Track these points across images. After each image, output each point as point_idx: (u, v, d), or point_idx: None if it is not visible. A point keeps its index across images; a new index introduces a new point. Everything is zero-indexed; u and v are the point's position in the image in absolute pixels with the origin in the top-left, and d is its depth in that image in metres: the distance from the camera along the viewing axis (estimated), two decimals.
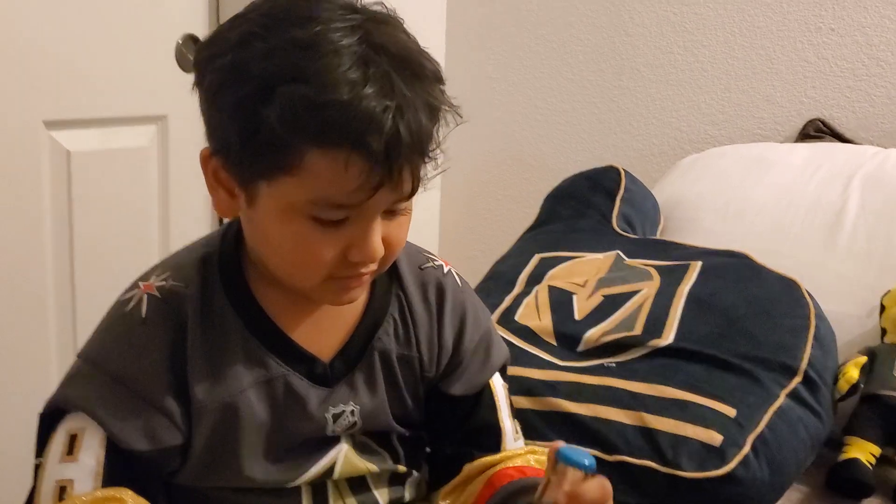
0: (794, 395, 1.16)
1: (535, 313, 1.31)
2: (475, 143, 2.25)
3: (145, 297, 0.79)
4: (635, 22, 2.02)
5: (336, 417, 0.83)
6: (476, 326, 0.90)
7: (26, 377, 1.55)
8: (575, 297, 1.32)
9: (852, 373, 1.23)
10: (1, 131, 1.46)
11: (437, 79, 0.73)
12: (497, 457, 0.88)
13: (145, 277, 0.81)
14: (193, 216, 1.83)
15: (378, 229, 0.74)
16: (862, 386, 1.25)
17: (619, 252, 1.41)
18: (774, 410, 1.13)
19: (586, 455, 0.72)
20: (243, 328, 0.80)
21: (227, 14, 1.78)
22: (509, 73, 2.19)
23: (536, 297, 1.35)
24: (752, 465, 1.07)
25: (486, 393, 0.90)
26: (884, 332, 1.31)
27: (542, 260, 1.44)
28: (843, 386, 1.23)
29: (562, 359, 1.22)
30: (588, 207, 1.57)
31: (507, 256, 1.52)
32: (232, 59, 0.71)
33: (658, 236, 1.62)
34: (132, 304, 0.79)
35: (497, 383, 0.92)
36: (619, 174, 1.63)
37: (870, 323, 1.35)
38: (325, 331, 0.84)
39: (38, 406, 1.63)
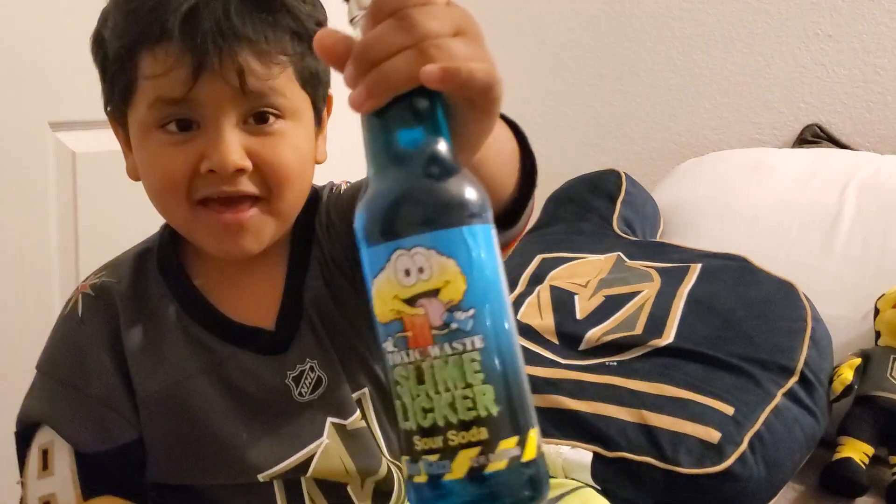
0: (790, 395, 1.18)
1: (538, 312, 1.33)
2: None
3: (80, 296, 0.81)
4: (636, 28, 2.04)
5: (297, 380, 0.79)
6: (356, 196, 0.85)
7: (31, 378, 1.55)
8: (577, 297, 1.34)
9: (847, 374, 1.25)
10: (6, 132, 1.46)
11: None
12: None
13: (84, 279, 0.83)
14: None
15: (229, 136, 0.72)
16: (856, 387, 1.27)
17: (619, 254, 1.43)
18: (771, 409, 1.15)
19: None
20: (182, 313, 0.79)
21: None
22: (510, 78, 2.19)
23: (538, 297, 1.36)
24: (749, 462, 1.09)
25: None
26: (878, 335, 1.33)
27: (544, 260, 1.46)
28: (838, 387, 1.24)
29: (564, 357, 1.24)
30: (589, 210, 1.59)
31: (508, 257, 1.54)
32: (98, 25, 0.79)
33: (658, 239, 1.63)
34: (70, 305, 0.81)
35: None
36: (619, 177, 1.65)
37: (865, 326, 1.37)
38: (261, 298, 0.81)
39: None
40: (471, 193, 0.46)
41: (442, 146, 0.47)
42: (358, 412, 0.82)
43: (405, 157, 0.46)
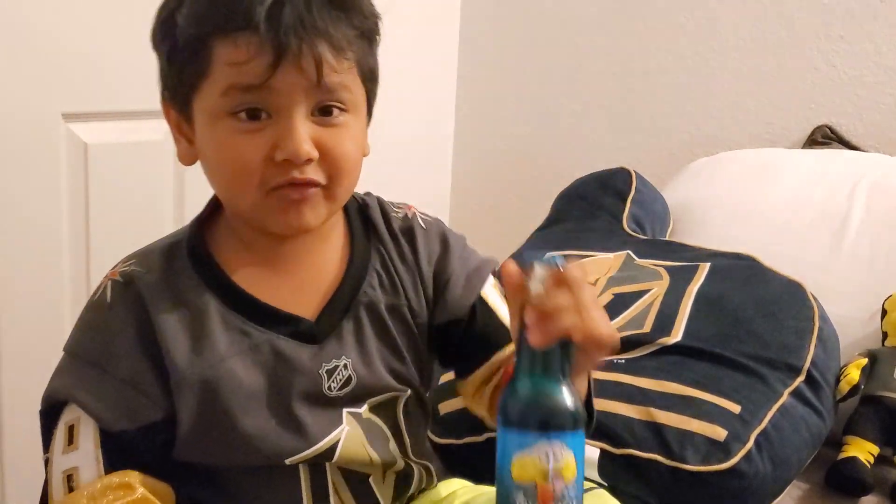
0: (797, 394, 1.18)
1: None
2: (487, 143, 2.28)
3: (109, 283, 0.83)
4: (647, 26, 2.04)
5: (330, 374, 0.84)
6: (450, 250, 0.92)
7: (43, 369, 1.56)
8: None
9: (853, 374, 1.25)
10: (20, 123, 1.48)
11: None
12: (511, 349, 0.88)
13: (114, 266, 0.85)
14: None
15: (301, 127, 0.76)
16: (862, 387, 1.27)
17: (629, 252, 1.43)
18: (777, 408, 1.15)
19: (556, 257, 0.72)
20: (218, 303, 0.82)
21: None
22: (521, 75, 2.22)
23: None
24: (755, 459, 1.09)
25: (479, 305, 0.92)
26: (885, 335, 1.33)
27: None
28: (844, 387, 1.25)
29: None
30: (599, 208, 1.60)
31: (517, 254, 1.55)
32: (161, 17, 0.81)
33: (667, 238, 1.64)
34: (99, 292, 0.83)
35: (487, 288, 0.93)
36: (629, 176, 1.65)
37: (872, 326, 1.37)
38: (306, 291, 0.85)
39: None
40: (582, 410, 0.70)
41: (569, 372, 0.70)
42: (366, 405, 0.86)
43: (553, 376, 0.69)
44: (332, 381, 0.84)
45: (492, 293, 0.93)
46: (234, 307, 0.82)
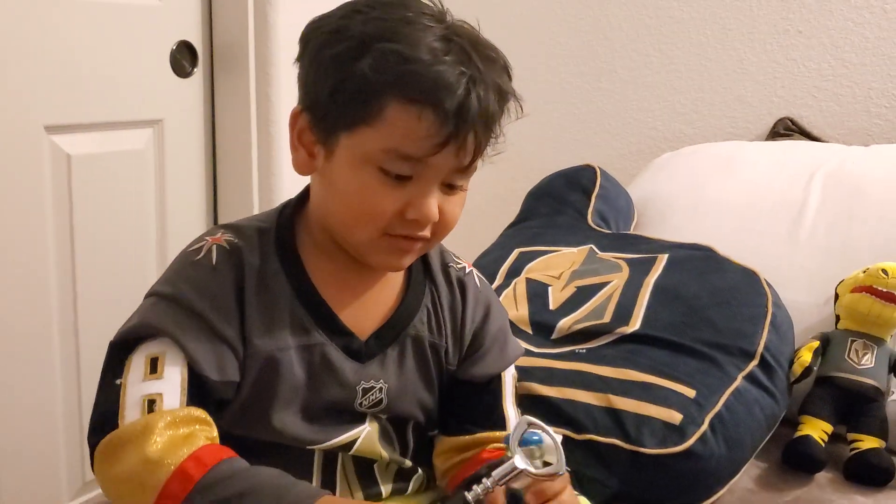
0: (750, 378, 1.23)
1: (514, 304, 1.39)
2: None
3: (214, 247, 0.87)
4: (613, 26, 2.10)
5: (366, 392, 0.90)
6: (494, 322, 0.99)
7: (30, 378, 1.59)
8: (550, 289, 1.40)
9: (805, 356, 1.30)
10: (3, 136, 1.51)
11: (507, 68, 0.85)
12: (497, 434, 0.96)
13: (211, 233, 0.90)
14: (190, 215, 1.89)
15: (435, 194, 0.83)
16: (815, 369, 1.32)
17: (592, 246, 1.49)
18: (731, 391, 1.20)
19: (536, 435, 0.81)
20: (293, 296, 0.88)
21: (221, 21, 1.87)
22: None
23: (514, 289, 1.42)
24: (710, 441, 1.14)
25: (495, 381, 0.99)
26: (837, 318, 1.38)
27: (521, 254, 1.51)
28: (797, 369, 1.30)
29: (537, 346, 1.29)
30: (565, 204, 1.65)
31: (489, 251, 1.60)
32: (336, 25, 0.82)
33: (632, 231, 1.69)
34: (202, 253, 0.87)
35: (507, 374, 1.01)
36: (594, 173, 1.71)
37: (827, 310, 1.42)
38: (366, 311, 0.92)
39: (42, 407, 1.65)
40: None
41: None
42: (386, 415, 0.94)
43: None
44: (365, 399, 0.91)
45: (509, 381, 1.01)
46: (304, 304, 0.88)
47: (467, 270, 1.00)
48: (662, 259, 1.41)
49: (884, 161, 1.62)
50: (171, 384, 0.80)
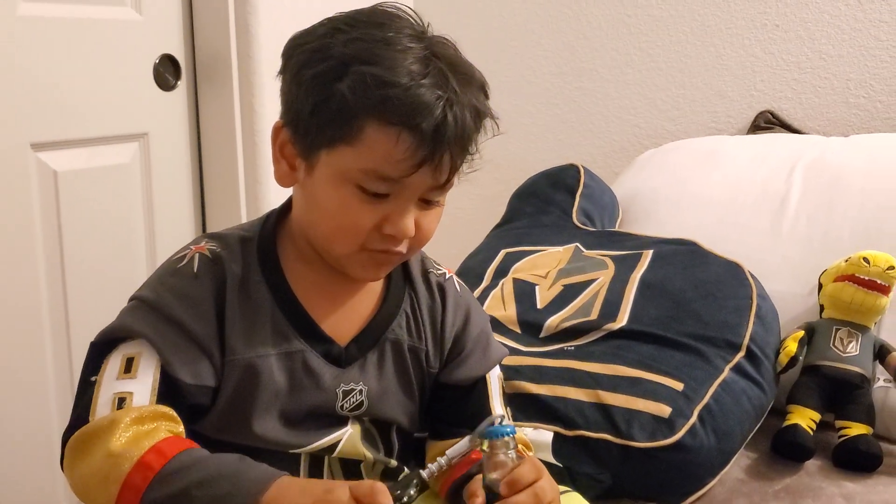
0: (737, 369, 1.25)
1: (501, 304, 1.40)
2: None
3: (197, 255, 0.90)
4: (593, 26, 2.11)
5: (346, 394, 0.92)
6: (475, 325, 1.01)
7: (22, 392, 1.59)
8: (537, 288, 1.41)
9: (791, 346, 1.32)
10: None
11: (483, 88, 0.87)
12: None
13: (196, 242, 0.92)
14: (178, 228, 1.89)
15: (412, 211, 0.85)
16: (801, 358, 1.34)
17: (577, 244, 1.50)
18: (719, 383, 1.22)
19: (507, 427, 0.82)
20: (274, 304, 0.90)
21: (203, 33, 1.88)
22: None
23: (502, 289, 1.43)
24: (699, 433, 1.16)
25: (480, 383, 1.00)
26: (822, 308, 1.40)
27: (508, 254, 1.53)
28: (783, 359, 1.31)
29: (525, 345, 1.31)
30: (549, 204, 1.66)
31: (475, 252, 1.61)
32: (317, 44, 0.84)
33: (617, 228, 1.70)
34: (185, 261, 0.90)
35: (493, 375, 1.02)
36: (578, 171, 1.72)
37: (811, 300, 1.44)
38: (346, 317, 0.94)
39: (35, 421, 1.65)
40: None
41: None
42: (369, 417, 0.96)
43: None
44: (346, 402, 0.93)
45: (495, 382, 1.02)
46: (285, 313, 0.90)
47: (447, 276, 1.02)
48: (647, 255, 1.42)
49: (863, 151, 1.64)
50: (143, 384, 0.83)
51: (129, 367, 0.84)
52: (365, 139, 0.81)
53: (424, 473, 0.81)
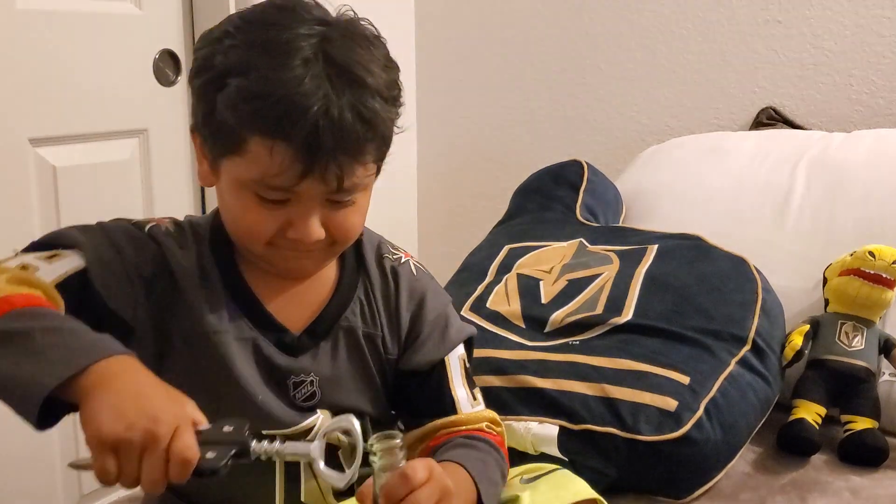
0: (743, 363, 1.25)
1: (505, 299, 1.39)
2: (449, 144, 2.34)
3: (153, 224, 0.91)
4: (595, 22, 2.11)
5: (297, 386, 0.92)
6: (431, 309, 0.99)
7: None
8: (542, 283, 1.40)
9: (797, 340, 1.32)
10: None
11: (378, 91, 0.82)
12: (450, 419, 0.96)
13: (160, 218, 0.93)
14: None
15: (315, 215, 0.84)
16: (806, 352, 1.33)
17: (581, 240, 1.49)
18: (725, 377, 1.21)
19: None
20: (225, 290, 0.90)
21: (203, 28, 1.85)
22: (478, 77, 2.28)
23: (506, 285, 1.43)
24: (706, 427, 1.15)
25: (439, 367, 0.98)
26: (827, 302, 1.39)
27: (511, 250, 1.52)
28: (789, 353, 1.31)
29: (530, 340, 1.30)
30: (553, 200, 1.66)
31: (478, 249, 1.60)
32: (206, 51, 0.84)
33: (620, 224, 1.70)
34: (139, 221, 0.91)
35: (452, 357, 0.99)
36: (581, 167, 1.71)
37: (816, 295, 1.43)
38: (298, 306, 0.93)
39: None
40: None
41: None
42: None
43: None
44: (298, 392, 0.92)
45: (455, 363, 1.00)
46: (237, 300, 0.90)
47: (403, 260, 1.00)
48: (652, 249, 1.41)
49: (866, 146, 1.63)
50: (53, 268, 0.82)
51: (52, 257, 0.84)
52: (249, 151, 0.80)
53: (253, 446, 0.73)
